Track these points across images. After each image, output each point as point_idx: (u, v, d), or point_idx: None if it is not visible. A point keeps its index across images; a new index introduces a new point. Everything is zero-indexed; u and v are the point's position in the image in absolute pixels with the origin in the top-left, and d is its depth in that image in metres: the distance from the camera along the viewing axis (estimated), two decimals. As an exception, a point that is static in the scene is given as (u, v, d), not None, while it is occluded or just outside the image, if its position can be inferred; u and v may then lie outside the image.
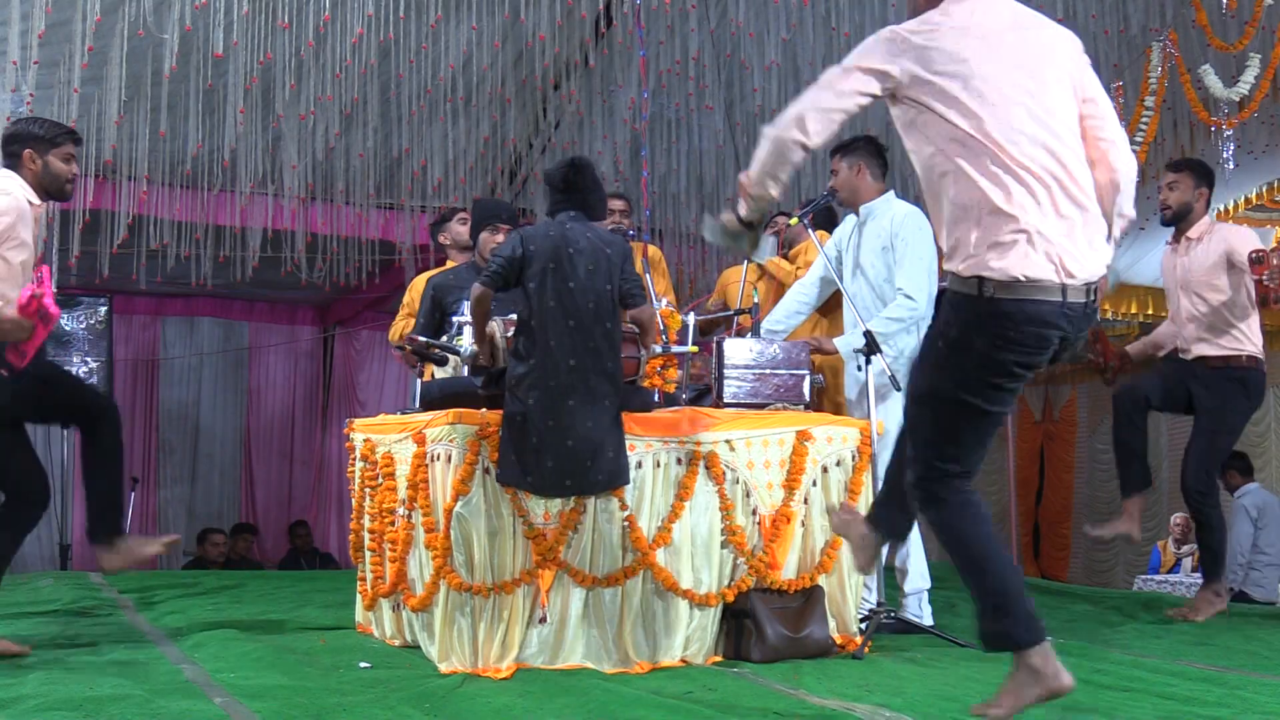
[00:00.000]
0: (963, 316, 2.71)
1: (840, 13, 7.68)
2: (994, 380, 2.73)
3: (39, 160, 3.97)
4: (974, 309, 2.68)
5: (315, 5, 6.62)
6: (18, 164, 3.97)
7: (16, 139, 3.99)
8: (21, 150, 3.97)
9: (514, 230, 4.12)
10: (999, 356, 2.69)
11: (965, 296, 2.70)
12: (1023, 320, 2.65)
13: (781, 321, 4.99)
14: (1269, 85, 6.74)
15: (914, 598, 4.73)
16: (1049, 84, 2.78)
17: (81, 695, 3.20)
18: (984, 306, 2.66)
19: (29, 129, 4.02)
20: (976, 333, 2.69)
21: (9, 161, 3.99)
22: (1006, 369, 2.71)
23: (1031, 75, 2.77)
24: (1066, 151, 2.73)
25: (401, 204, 8.43)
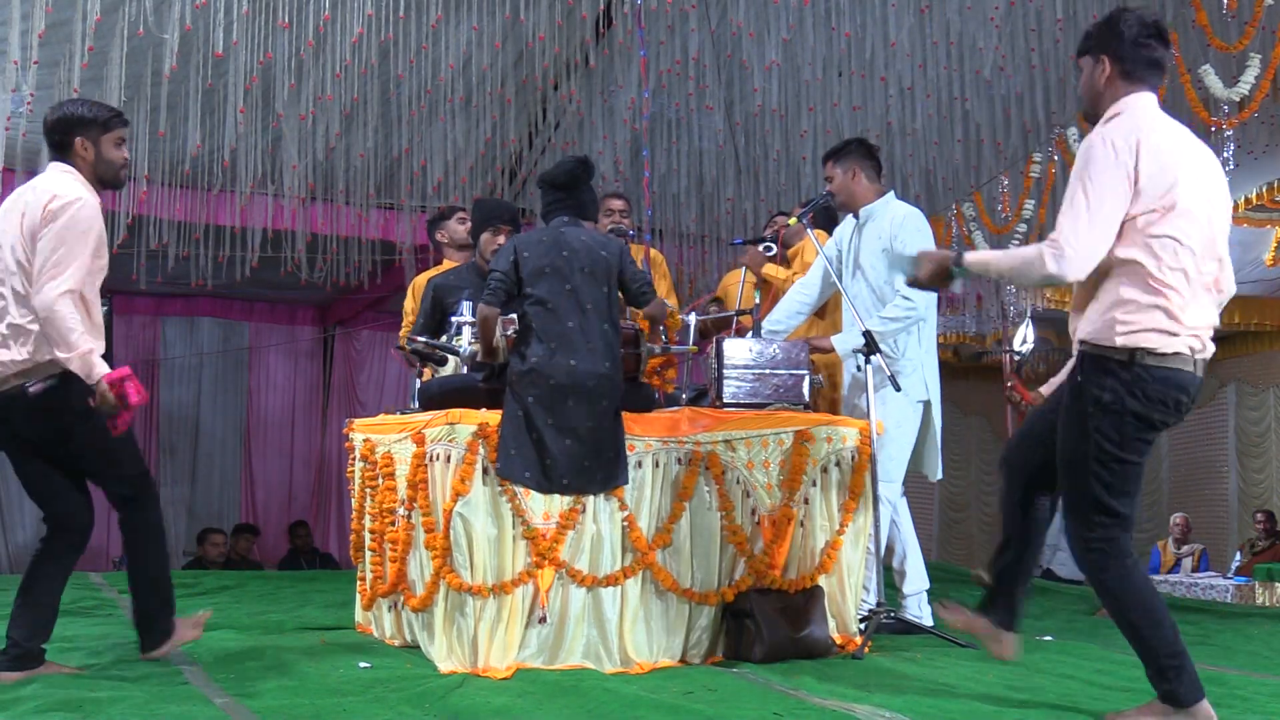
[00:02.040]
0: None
1: (840, 13, 7.68)
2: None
3: (91, 148, 3.57)
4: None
5: (315, 5, 6.61)
6: (69, 154, 3.57)
7: (66, 125, 3.57)
8: (73, 138, 3.56)
9: (508, 240, 4.13)
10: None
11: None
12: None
13: (782, 322, 4.99)
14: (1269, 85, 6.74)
15: (914, 598, 4.73)
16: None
17: (81, 696, 3.20)
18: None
19: (78, 112, 3.59)
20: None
21: (58, 153, 3.59)
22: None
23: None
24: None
25: (401, 204, 8.42)
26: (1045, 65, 7.92)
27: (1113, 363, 3.01)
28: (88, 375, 3.35)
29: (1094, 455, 3.03)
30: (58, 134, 3.57)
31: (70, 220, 3.40)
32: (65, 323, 3.32)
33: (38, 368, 3.43)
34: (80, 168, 3.57)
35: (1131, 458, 3.04)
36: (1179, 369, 3.02)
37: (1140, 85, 3.11)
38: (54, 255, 3.36)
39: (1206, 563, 10.12)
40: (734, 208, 9.10)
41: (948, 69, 8.09)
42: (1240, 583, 8.65)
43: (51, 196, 3.42)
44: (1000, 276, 3.24)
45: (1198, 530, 10.72)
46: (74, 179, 3.53)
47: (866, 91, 8.23)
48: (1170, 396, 3.03)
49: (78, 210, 3.42)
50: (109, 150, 3.60)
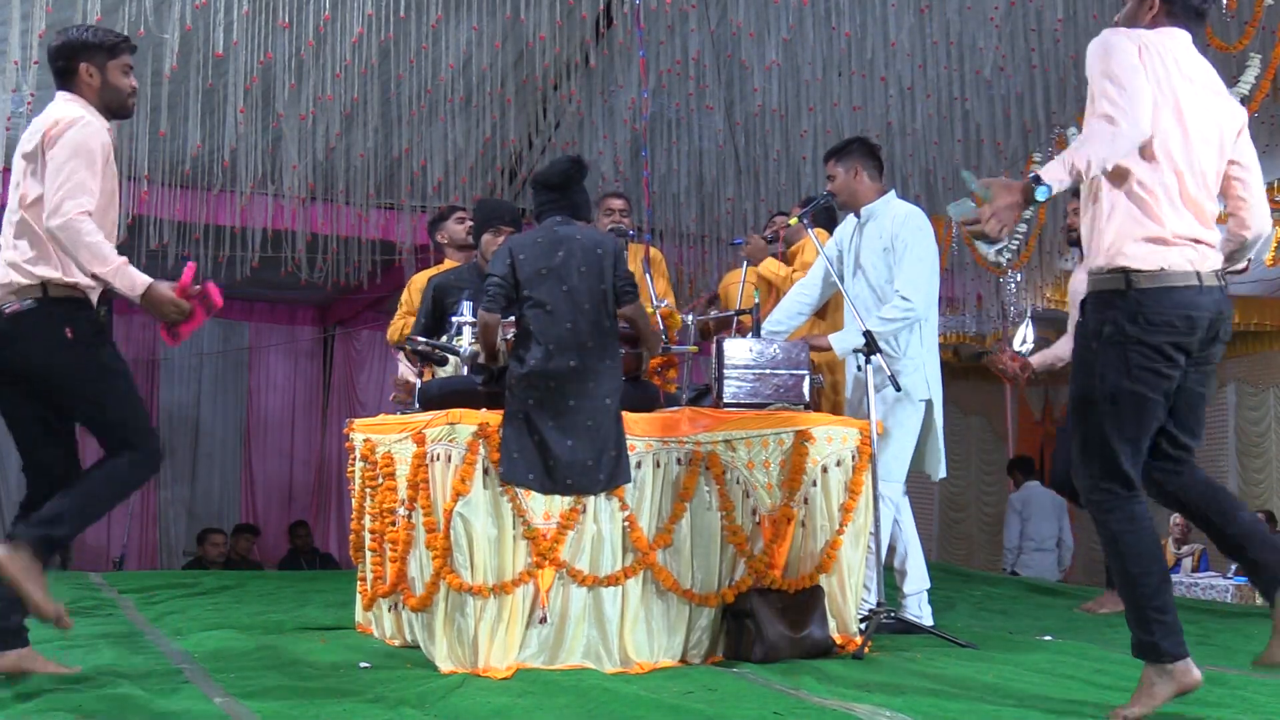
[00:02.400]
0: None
1: (840, 13, 7.68)
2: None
3: (97, 74, 3.45)
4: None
5: (315, 5, 6.61)
6: (74, 81, 3.44)
7: (70, 50, 3.43)
8: (78, 64, 3.43)
9: (504, 243, 4.13)
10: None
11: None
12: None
13: (782, 322, 4.99)
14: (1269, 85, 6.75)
15: (914, 598, 4.73)
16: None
17: (81, 696, 3.20)
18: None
19: (82, 37, 3.46)
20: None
21: (64, 81, 3.46)
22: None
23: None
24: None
25: (401, 204, 8.43)
26: (1045, 65, 7.93)
27: (1108, 293, 2.97)
28: (131, 288, 3.25)
29: (1102, 392, 2.97)
30: (61, 60, 3.44)
31: (75, 139, 3.28)
32: (92, 237, 3.21)
33: (20, 290, 3.32)
34: (86, 95, 3.45)
35: (1141, 390, 2.94)
36: (1178, 285, 2.93)
37: (1179, 23, 3.09)
38: (63, 174, 3.24)
39: (1206, 563, 10.12)
40: (734, 208, 9.10)
41: (948, 69, 8.09)
42: (1240, 583, 8.65)
43: (53, 122, 3.33)
44: (1095, 164, 2.89)
45: (1198, 530, 10.70)
46: (77, 104, 3.42)
47: (866, 91, 8.23)
48: (1175, 315, 2.92)
49: (82, 128, 3.31)
50: (116, 77, 3.48)
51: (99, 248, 3.22)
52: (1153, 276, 2.92)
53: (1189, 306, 2.93)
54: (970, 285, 9.91)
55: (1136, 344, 2.93)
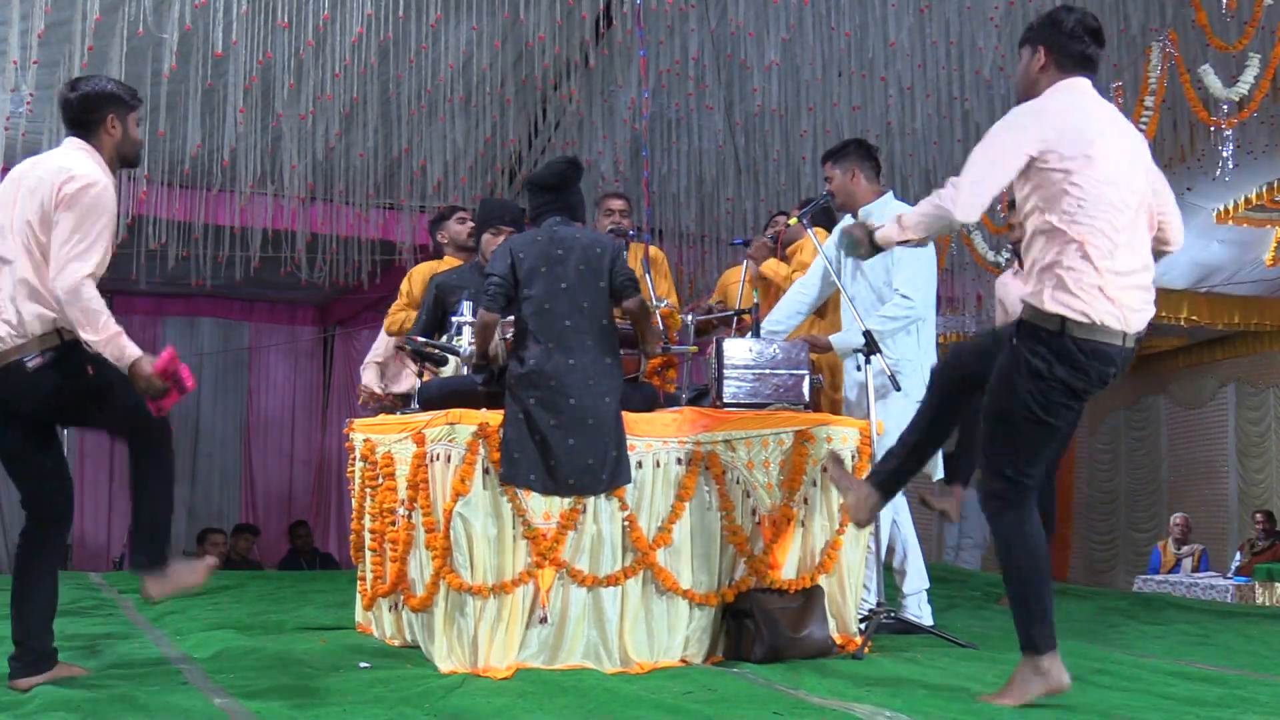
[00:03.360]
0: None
1: (840, 12, 7.69)
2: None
3: (119, 126, 3.48)
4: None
5: (315, 5, 6.61)
6: (97, 131, 3.46)
7: (102, 102, 3.46)
8: (105, 114, 3.46)
9: (503, 242, 4.13)
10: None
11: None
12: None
13: (782, 321, 4.98)
14: (1269, 85, 6.75)
15: (914, 598, 4.73)
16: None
17: (81, 696, 3.20)
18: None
19: (110, 89, 3.49)
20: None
21: (83, 130, 3.47)
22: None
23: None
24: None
25: (401, 204, 8.43)
26: (1045, 65, 7.91)
27: (1044, 331, 3.16)
28: (119, 358, 3.30)
29: (1019, 413, 3.20)
30: (88, 111, 3.45)
31: (92, 202, 3.32)
32: (92, 305, 3.27)
33: (34, 341, 3.37)
34: (104, 145, 3.47)
35: (1052, 421, 3.21)
36: (1106, 342, 3.15)
37: (1073, 74, 3.30)
38: (74, 237, 3.28)
39: (1206, 563, 10.12)
40: (734, 208, 9.10)
41: (947, 69, 8.09)
42: (1240, 583, 8.66)
43: (68, 176, 3.33)
44: (913, 232, 3.31)
45: (1198, 530, 10.72)
46: (90, 158, 3.43)
47: (866, 91, 8.23)
48: (1095, 368, 3.17)
49: (101, 193, 3.34)
50: (133, 129, 3.54)
51: (97, 316, 3.28)
52: (1087, 329, 3.14)
53: (1108, 361, 3.18)
54: (970, 285, 9.91)
55: (1058, 383, 3.17)
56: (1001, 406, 3.25)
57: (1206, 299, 10.07)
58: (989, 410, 3.30)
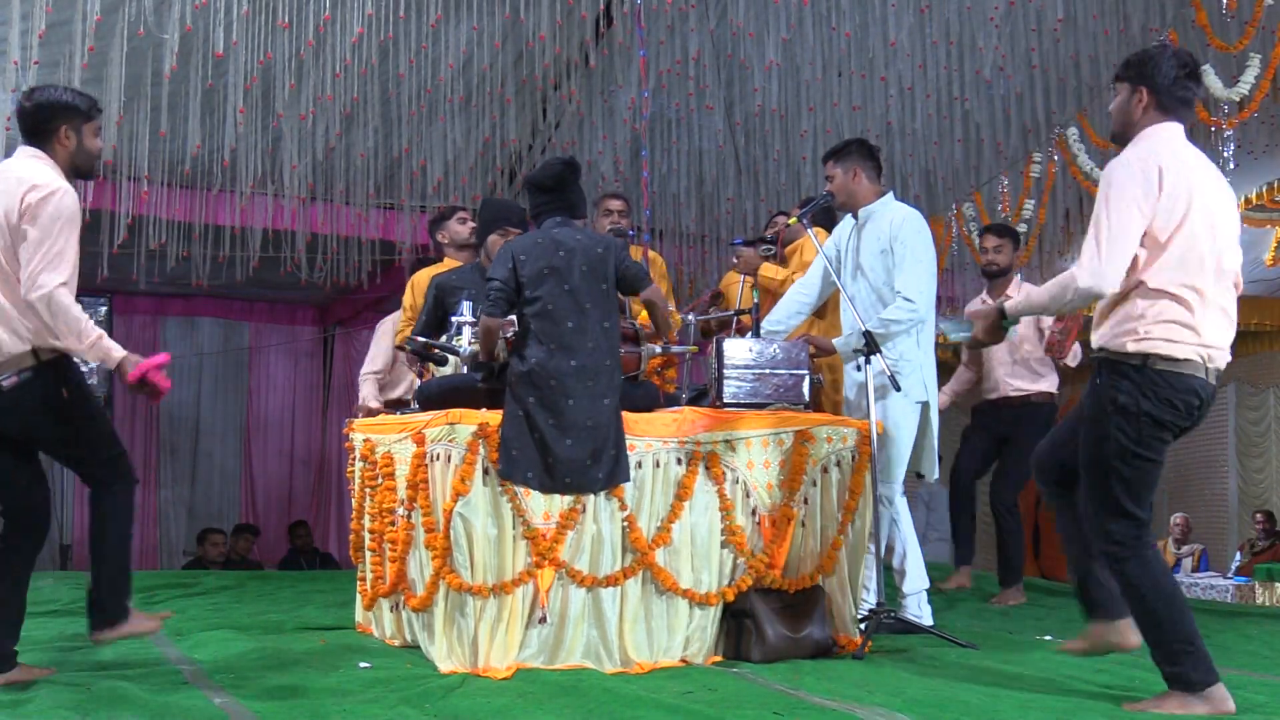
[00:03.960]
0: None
1: (840, 12, 7.68)
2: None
3: (74, 137, 3.47)
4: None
5: (315, 5, 6.61)
6: (50, 141, 3.45)
7: (52, 111, 3.44)
8: (58, 125, 3.44)
9: (504, 246, 4.13)
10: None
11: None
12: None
13: (781, 322, 4.98)
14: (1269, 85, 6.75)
15: (914, 598, 4.73)
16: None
17: (81, 696, 3.20)
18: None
19: (64, 99, 3.47)
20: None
21: (37, 140, 3.46)
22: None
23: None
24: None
25: (401, 204, 8.43)
26: (1045, 65, 7.92)
27: (1127, 366, 3.21)
28: (106, 360, 3.34)
29: (1113, 453, 3.21)
30: (40, 121, 3.45)
31: (57, 210, 3.32)
32: (71, 312, 3.30)
33: (9, 361, 3.38)
34: (58, 155, 3.46)
35: (1147, 454, 3.21)
36: (1190, 374, 3.20)
37: (1170, 117, 3.33)
38: (45, 247, 3.29)
39: (1206, 563, 10.12)
40: (734, 208, 9.10)
41: (948, 69, 8.09)
42: (1240, 583, 8.66)
43: (31, 186, 3.33)
44: (1045, 310, 3.47)
45: (1198, 530, 10.72)
46: (48, 166, 3.42)
47: (866, 91, 8.23)
48: (1180, 399, 3.20)
49: (62, 199, 3.34)
50: (89, 140, 3.51)
51: (78, 323, 3.31)
52: (1171, 361, 3.19)
53: (1195, 393, 3.22)
54: (970, 285, 9.91)
55: (1147, 416, 3.19)
56: (1096, 453, 3.25)
57: (1207, 299, 10.04)
58: (1085, 462, 3.30)
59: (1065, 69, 7.87)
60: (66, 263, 3.33)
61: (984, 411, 6.08)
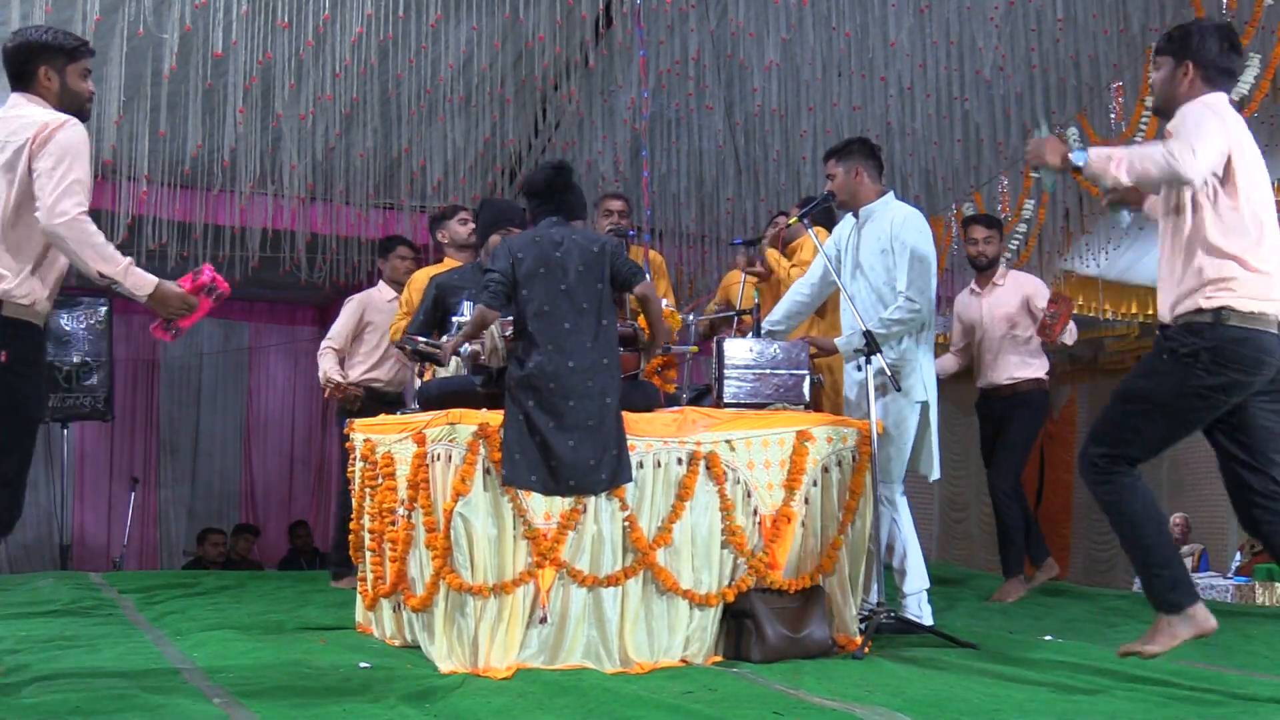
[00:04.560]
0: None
1: (840, 13, 7.68)
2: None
3: (56, 78, 3.33)
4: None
5: (315, 5, 6.61)
6: (32, 83, 3.32)
7: (29, 52, 3.31)
8: (36, 67, 3.31)
9: (502, 241, 4.13)
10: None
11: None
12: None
13: (782, 321, 4.98)
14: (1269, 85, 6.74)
15: (914, 598, 4.72)
16: None
17: (80, 696, 3.20)
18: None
19: (41, 39, 3.32)
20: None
21: (21, 83, 3.33)
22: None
23: None
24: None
25: (401, 204, 8.43)
26: (1045, 65, 7.92)
27: (1199, 324, 3.24)
28: (141, 286, 3.24)
29: (1156, 397, 3.28)
30: (20, 62, 3.32)
31: (67, 139, 3.20)
32: (96, 238, 3.18)
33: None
34: (45, 98, 3.33)
35: (1186, 411, 3.27)
36: (1263, 330, 3.23)
37: (1215, 88, 3.38)
38: (58, 174, 3.16)
39: (1206, 563, 10.12)
40: (734, 208, 9.10)
41: (948, 69, 8.09)
42: (1240, 583, 8.65)
43: (41, 125, 3.21)
44: (1130, 177, 3.24)
45: (1198, 530, 10.72)
46: (43, 106, 3.31)
47: (866, 91, 8.23)
48: (1250, 356, 3.22)
49: (71, 128, 3.23)
50: (75, 80, 3.37)
51: (105, 248, 3.19)
52: (1242, 317, 3.22)
53: (1265, 351, 3.24)
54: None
55: (1204, 373, 3.22)
56: (1139, 387, 3.30)
57: (1207, 298, 10.04)
58: (1125, 389, 3.34)
59: (1065, 69, 7.87)
60: (84, 190, 3.20)
61: (979, 402, 6.11)
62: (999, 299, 5.94)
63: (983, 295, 6.01)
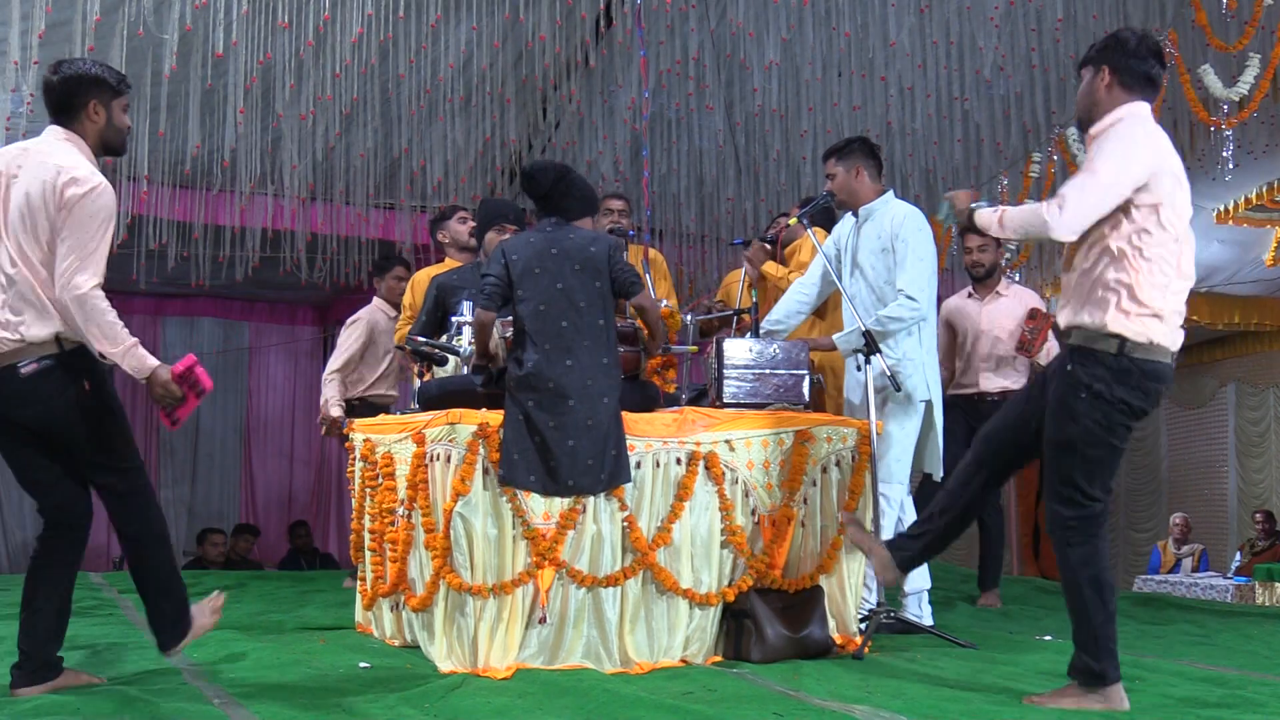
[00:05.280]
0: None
1: (840, 13, 7.68)
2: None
3: (103, 112, 3.33)
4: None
5: (315, 5, 6.62)
6: (76, 117, 3.31)
7: (81, 86, 3.29)
8: (88, 100, 3.30)
9: (498, 244, 4.13)
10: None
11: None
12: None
13: (782, 321, 4.98)
14: (1269, 85, 6.75)
15: (914, 598, 4.73)
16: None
17: (80, 696, 3.20)
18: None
19: (93, 72, 3.32)
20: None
21: (65, 117, 3.32)
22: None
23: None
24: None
25: (401, 204, 8.43)
26: (1045, 65, 7.93)
27: (1100, 353, 3.23)
28: (139, 370, 3.23)
29: (1082, 438, 3.24)
30: (68, 95, 3.30)
31: (96, 208, 3.20)
32: (106, 316, 3.19)
33: (29, 348, 3.23)
34: (87, 133, 3.32)
35: (1115, 442, 3.26)
36: (1160, 361, 3.24)
37: (1136, 96, 3.34)
38: (81, 246, 3.17)
39: (1206, 563, 10.12)
40: (734, 208, 9.10)
41: (948, 69, 8.09)
42: (1240, 583, 8.65)
43: (71, 179, 3.20)
44: (1008, 232, 3.39)
45: (1198, 530, 10.72)
46: (81, 153, 3.30)
47: (866, 91, 8.23)
48: (1151, 387, 3.25)
49: (101, 196, 3.22)
50: (119, 115, 3.38)
51: (111, 327, 3.20)
52: (1145, 349, 3.22)
53: (1163, 379, 3.27)
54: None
55: (1120, 404, 3.23)
56: (1064, 434, 3.27)
57: (1206, 299, 10.07)
58: (1051, 440, 3.32)
59: (1065, 69, 7.88)
60: (100, 263, 3.21)
61: (958, 406, 5.98)
62: (1002, 309, 5.88)
63: (983, 303, 5.95)
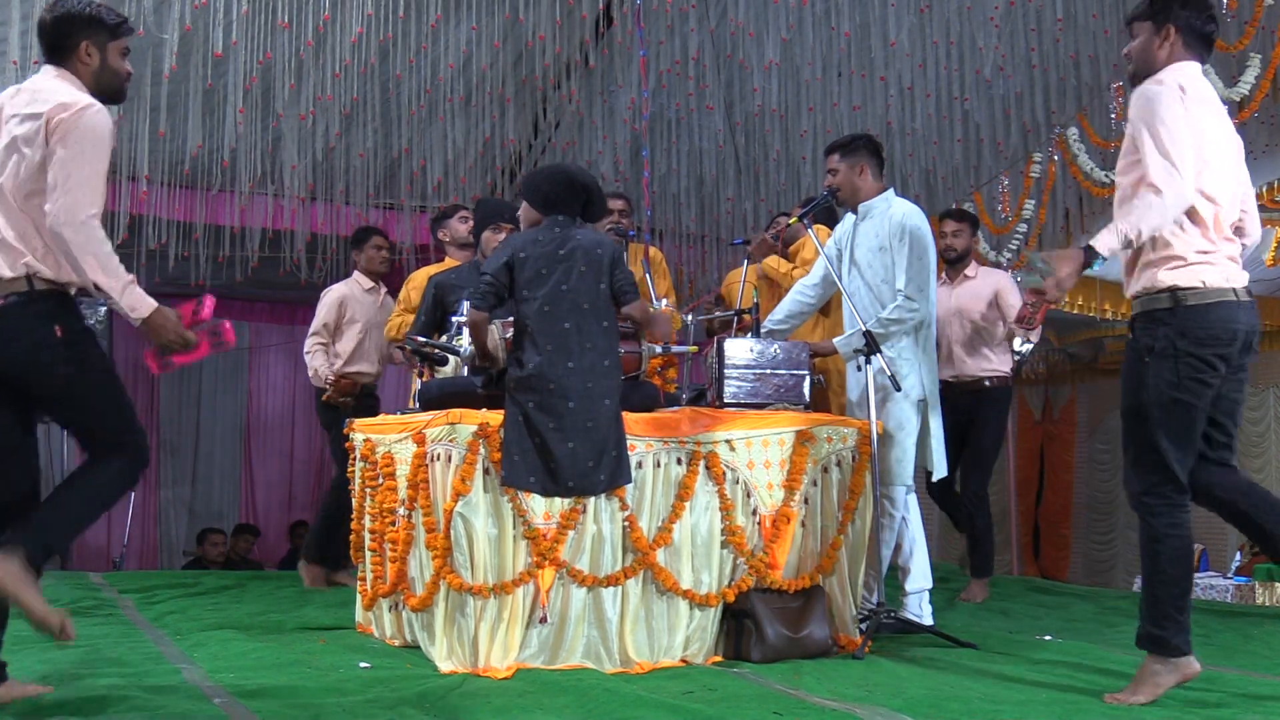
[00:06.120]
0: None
1: (840, 12, 7.68)
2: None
3: (97, 54, 3.12)
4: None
5: (315, 5, 6.62)
6: (70, 58, 3.11)
7: (73, 26, 3.09)
8: (78, 41, 3.10)
9: (504, 240, 4.12)
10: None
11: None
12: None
13: (783, 321, 4.98)
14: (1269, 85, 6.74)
15: (915, 597, 4.72)
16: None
17: (79, 696, 3.19)
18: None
19: (86, 11, 3.11)
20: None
21: (57, 56, 3.12)
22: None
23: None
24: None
25: (401, 204, 8.43)
26: (1045, 65, 7.92)
27: (1159, 311, 3.24)
28: (136, 308, 2.98)
29: (1153, 400, 3.23)
30: (59, 35, 3.11)
31: (89, 128, 2.98)
32: (104, 246, 2.94)
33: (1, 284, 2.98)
34: (81, 75, 3.11)
35: (1188, 399, 3.21)
36: (1221, 302, 3.22)
37: (1193, 56, 3.36)
38: (72, 169, 2.93)
39: (1206, 563, 10.11)
40: (734, 208, 9.10)
41: (948, 69, 8.09)
42: (1240, 583, 8.65)
43: (59, 103, 2.98)
44: (1139, 238, 3.23)
45: (1198, 530, 10.64)
46: (73, 85, 3.08)
47: (866, 91, 8.23)
48: (1219, 329, 3.21)
49: (95, 115, 3.00)
50: (115, 59, 3.16)
51: (110, 259, 2.96)
52: (1198, 294, 3.21)
53: (1230, 320, 3.22)
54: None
55: (1186, 356, 3.20)
56: (1136, 400, 3.27)
57: (1206, 299, 10.04)
58: (1126, 411, 3.32)
59: (1065, 69, 7.87)
60: (99, 189, 2.98)
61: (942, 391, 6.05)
62: (972, 290, 5.90)
63: (953, 287, 5.96)
